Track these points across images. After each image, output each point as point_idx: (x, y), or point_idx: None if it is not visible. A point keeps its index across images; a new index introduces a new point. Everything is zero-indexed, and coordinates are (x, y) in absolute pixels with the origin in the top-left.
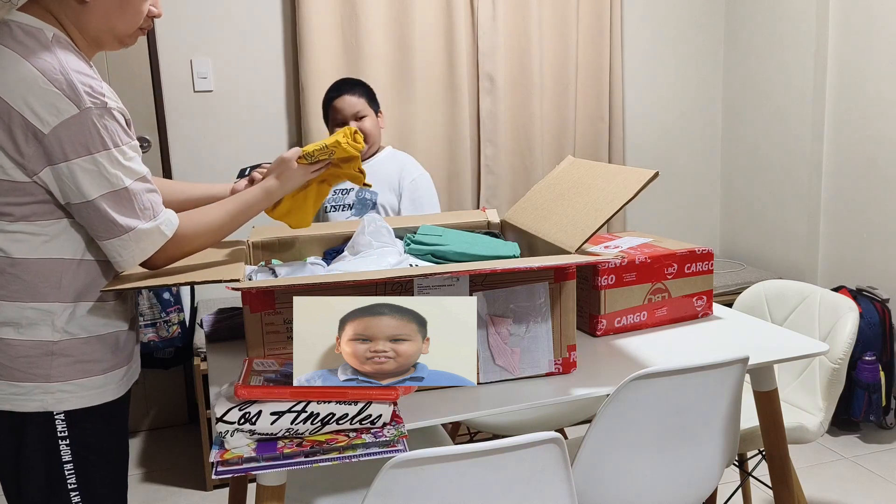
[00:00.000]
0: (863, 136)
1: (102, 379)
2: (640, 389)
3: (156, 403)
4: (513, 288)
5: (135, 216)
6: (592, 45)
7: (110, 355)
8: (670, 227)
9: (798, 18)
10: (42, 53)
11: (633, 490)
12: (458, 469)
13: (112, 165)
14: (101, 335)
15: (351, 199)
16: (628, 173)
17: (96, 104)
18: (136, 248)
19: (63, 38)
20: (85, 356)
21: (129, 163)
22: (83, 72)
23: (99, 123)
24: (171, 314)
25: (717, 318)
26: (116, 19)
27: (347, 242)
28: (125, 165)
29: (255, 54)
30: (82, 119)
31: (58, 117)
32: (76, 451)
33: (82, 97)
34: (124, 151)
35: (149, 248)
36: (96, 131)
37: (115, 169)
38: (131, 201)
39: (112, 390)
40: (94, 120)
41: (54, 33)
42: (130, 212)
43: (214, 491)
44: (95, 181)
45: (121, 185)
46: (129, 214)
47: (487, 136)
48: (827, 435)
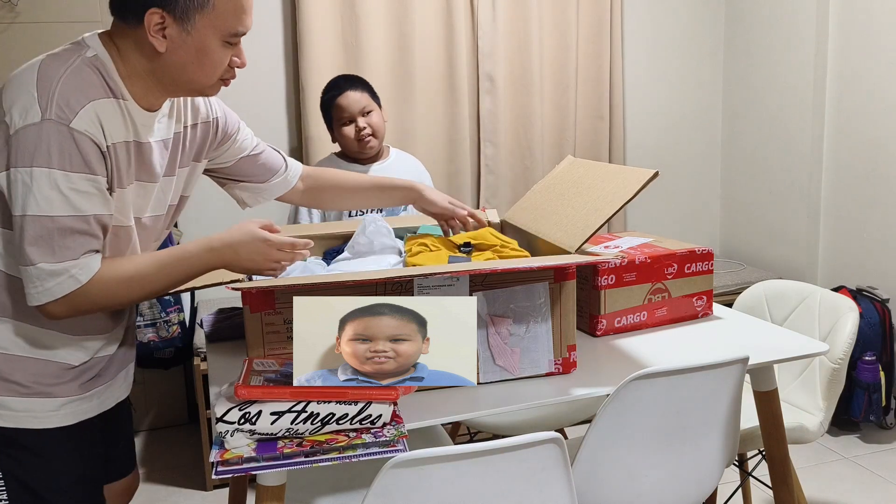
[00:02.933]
0: (863, 136)
1: (22, 402)
2: (640, 389)
3: (156, 403)
4: (513, 288)
5: (45, 252)
6: (592, 45)
7: (34, 381)
8: (670, 227)
9: (798, 19)
10: (56, 63)
11: (633, 490)
12: (458, 469)
13: (48, 187)
14: (30, 358)
15: None
16: (628, 173)
17: (60, 118)
18: (41, 286)
19: (101, 61)
20: (6, 374)
21: (73, 195)
22: (77, 88)
23: (53, 139)
24: (171, 314)
25: (717, 318)
26: (194, 71)
27: (347, 242)
28: (64, 194)
29: (255, 54)
30: (39, 129)
31: (23, 121)
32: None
33: (51, 108)
34: (71, 179)
35: (55, 291)
36: (46, 146)
37: (50, 191)
38: (50, 235)
39: (37, 419)
40: (49, 134)
41: (96, 54)
42: (43, 246)
43: (214, 491)
44: (26, 198)
45: (48, 212)
46: (41, 247)
47: (487, 136)
48: (827, 435)
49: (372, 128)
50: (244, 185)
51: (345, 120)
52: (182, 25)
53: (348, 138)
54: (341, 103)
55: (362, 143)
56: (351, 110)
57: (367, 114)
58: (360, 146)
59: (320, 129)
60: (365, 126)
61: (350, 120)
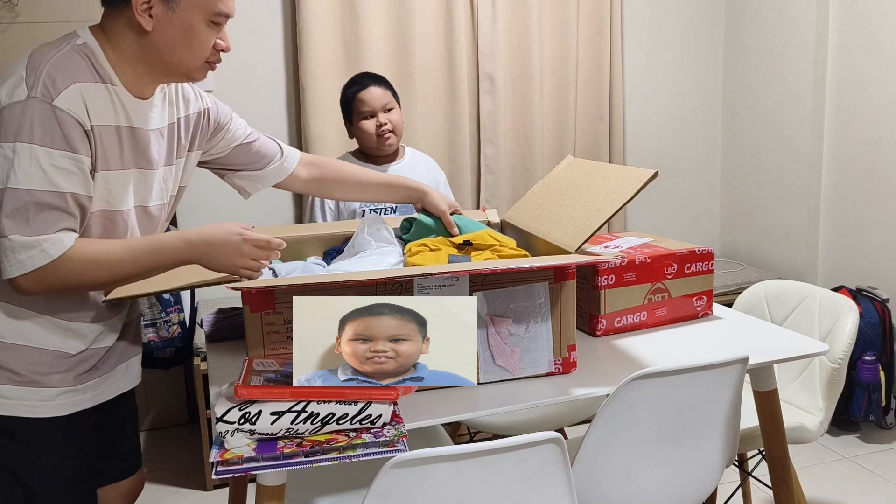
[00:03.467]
0: (863, 136)
1: (14, 391)
2: (640, 389)
3: (156, 403)
4: (513, 288)
5: (21, 224)
6: (592, 45)
7: (28, 369)
8: (670, 227)
9: (798, 19)
10: (48, 49)
11: (633, 490)
12: (458, 469)
13: (29, 162)
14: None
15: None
16: (628, 173)
17: (45, 96)
18: (13, 258)
19: (90, 49)
20: (3, 363)
21: (52, 172)
22: (64, 70)
23: (36, 116)
24: (171, 314)
25: (717, 318)
26: (181, 52)
27: (347, 242)
28: (44, 170)
29: (255, 54)
30: (23, 106)
31: (10, 99)
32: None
33: (37, 87)
34: (52, 155)
35: (27, 264)
36: (30, 122)
37: (30, 166)
38: (26, 208)
39: (29, 407)
40: (33, 111)
41: (86, 42)
42: (19, 218)
43: (214, 491)
44: (7, 171)
45: (26, 186)
46: (16, 220)
47: (487, 136)
48: (827, 435)
49: (392, 124)
50: (241, 174)
51: (366, 114)
52: (167, 3)
53: (367, 133)
54: (364, 97)
55: (381, 139)
56: (373, 105)
57: (388, 110)
58: (380, 142)
59: (320, 128)
60: (386, 122)
61: (371, 115)
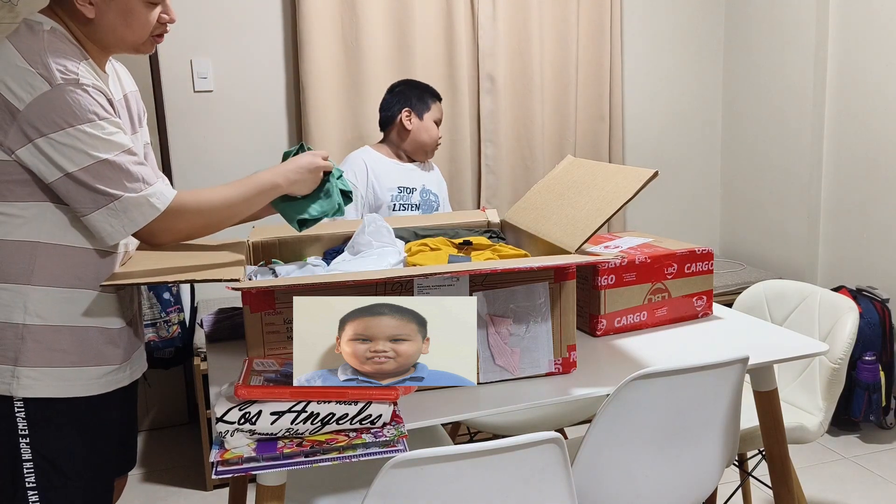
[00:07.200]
0: (863, 136)
1: (71, 372)
2: (640, 389)
3: (156, 403)
4: (513, 288)
5: (120, 186)
6: (592, 45)
7: (81, 349)
8: (670, 227)
9: (798, 18)
10: (28, 38)
11: (633, 490)
12: (458, 469)
13: (89, 138)
14: (74, 327)
15: (416, 199)
16: (628, 173)
17: (68, 80)
18: (125, 217)
19: (59, 32)
20: (55, 345)
21: (110, 136)
22: (62, 54)
23: (71, 98)
24: (171, 314)
25: (717, 318)
26: (124, 31)
27: (347, 242)
28: (104, 139)
29: (255, 54)
30: (55, 95)
31: (31, 94)
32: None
33: (55, 74)
34: (102, 126)
35: (139, 219)
36: (69, 106)
37: (93, 141)
38: (117, 172)
39: (80, 386)
40: (67, 95)
41: (52, 26)
42: (115, 182)
43: (214, 491)
44: (72, 155)
45: (100, 157)
46: (114, 185)
47: (488, 136)
48: (827, 435)
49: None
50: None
51: (437, 121)
52: None
53: (432, 136)
54: (440, 107)
55: (433, 149)
56: (439, 116)
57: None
58: (430, 150)
59: (321, 128)
60: (441, 136)
61: (439, 124)
